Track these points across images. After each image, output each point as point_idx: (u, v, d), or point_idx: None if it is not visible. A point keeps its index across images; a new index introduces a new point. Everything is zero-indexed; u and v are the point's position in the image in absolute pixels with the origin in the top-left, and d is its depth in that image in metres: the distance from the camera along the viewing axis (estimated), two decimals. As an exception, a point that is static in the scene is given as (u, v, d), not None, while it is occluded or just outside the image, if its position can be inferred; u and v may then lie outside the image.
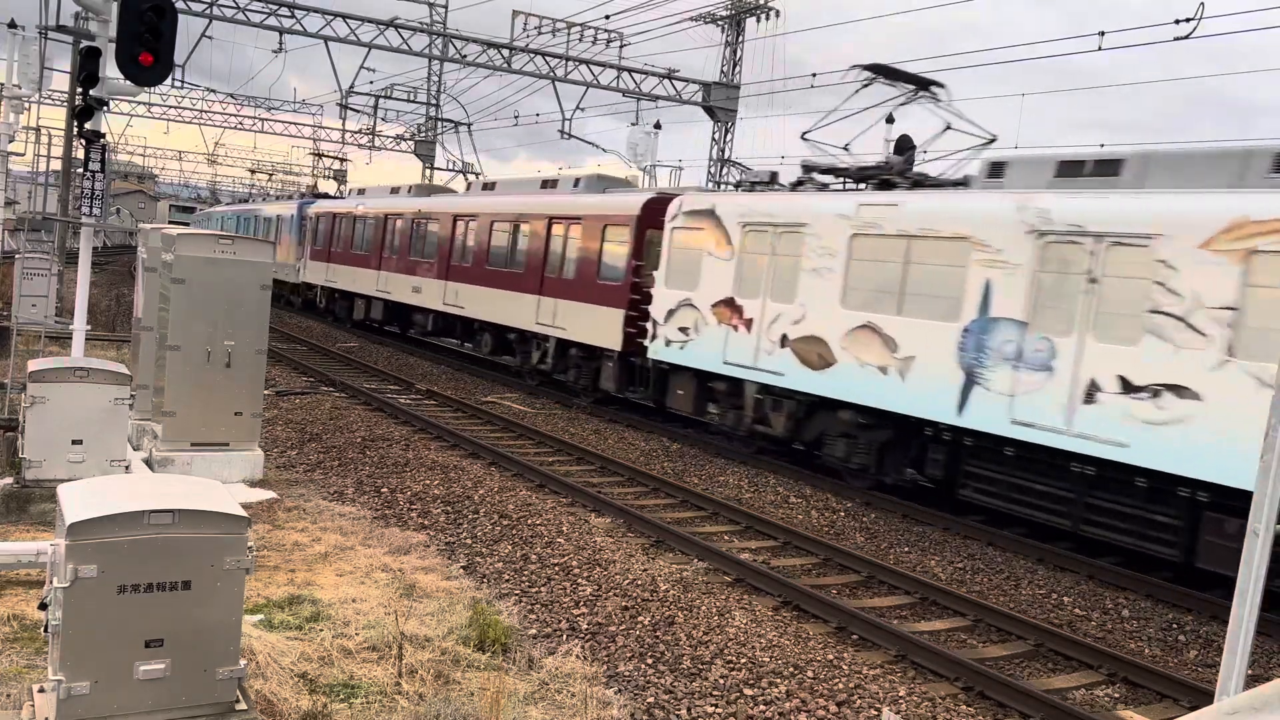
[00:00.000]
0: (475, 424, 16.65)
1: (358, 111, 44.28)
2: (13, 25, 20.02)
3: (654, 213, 17.54)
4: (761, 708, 6.73)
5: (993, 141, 14.22)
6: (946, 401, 11.92)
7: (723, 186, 35.67)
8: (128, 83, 9.90)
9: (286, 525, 9.86)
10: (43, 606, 4.62)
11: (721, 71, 34.81)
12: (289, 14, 29.09)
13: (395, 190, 31.46)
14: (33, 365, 9.21)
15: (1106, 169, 11.45)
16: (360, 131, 52.64)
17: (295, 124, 59.07)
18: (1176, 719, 6.97)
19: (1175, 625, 9.44)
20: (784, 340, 14.19)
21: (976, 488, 12.01)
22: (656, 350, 16.69)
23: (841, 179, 14.96)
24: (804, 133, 14.96)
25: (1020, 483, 11.55)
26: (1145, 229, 10.38)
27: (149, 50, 9.56)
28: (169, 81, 18.69)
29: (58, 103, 44.44)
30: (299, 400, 17.24)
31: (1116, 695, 7.70)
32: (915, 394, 12.33)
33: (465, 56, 32.09)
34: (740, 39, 34.88)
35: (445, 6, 36.96)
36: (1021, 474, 11.53)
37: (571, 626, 7.91)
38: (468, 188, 29.02)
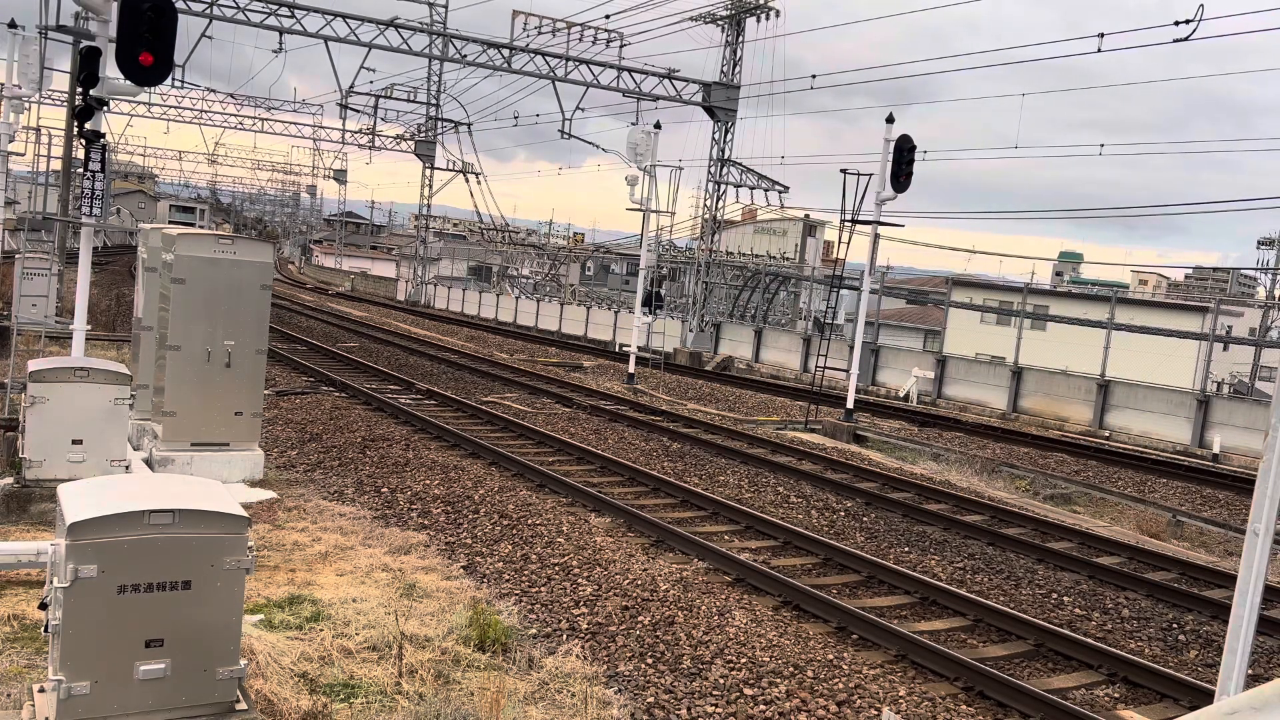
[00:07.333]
0: (475, 424, 16.65)
1: (358, 111, 44.30)
2: (13, 25, 20.02)
3: None
4: (761, 708, 6.73)
5: None
6: None
7: (722, 187, 35.67)
8: (128, 83, 9.90)
9: (286, 525, 9.86)
10: (43, 606, 4.62)
11: (721, 71, 34.81)
12: (289, 14, 29.09)
13: None
14: (33, 365, 9.20)
15: None
16: (360, 131, 52.64)
17: (295, 124, 59.15)
18: (1176, 719, 6.97)
19: (1175, 625, 9.44)
20: None
21: None
22: None
23: None
24: None
25: None
26: None
27: (149, 50, 9.57)
28: (169, 81, 18.69)
29: (58, 103, 44.43)
30: (299, 400, 17.24)
31: (1116, 695, 7.70)
32: None
33: (465, 56, 32.10)
34: (740, 39, 34.89)
35: (445, 6, 37.01)
36: None
37: (571, 626, 7.91)
38: None
